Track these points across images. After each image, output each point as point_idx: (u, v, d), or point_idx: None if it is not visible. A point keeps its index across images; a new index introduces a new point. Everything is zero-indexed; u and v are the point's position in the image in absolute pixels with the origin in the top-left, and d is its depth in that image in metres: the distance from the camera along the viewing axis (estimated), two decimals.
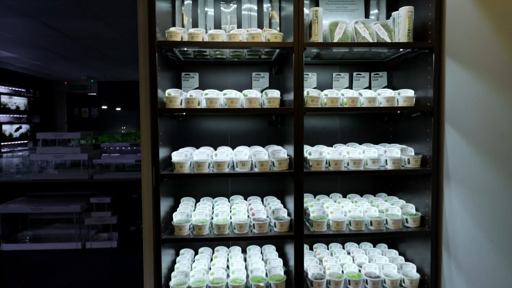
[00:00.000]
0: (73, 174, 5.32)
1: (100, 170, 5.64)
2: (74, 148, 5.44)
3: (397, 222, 2.19)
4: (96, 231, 5.62)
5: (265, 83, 2.60)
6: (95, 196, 5.30)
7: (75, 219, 5.27)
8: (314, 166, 2.17)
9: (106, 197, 5.27)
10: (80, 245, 5.26)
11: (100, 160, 5.74)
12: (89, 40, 6.18)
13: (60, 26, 5.39)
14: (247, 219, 2.21)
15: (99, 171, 5.59)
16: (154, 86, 2.03)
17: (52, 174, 5.45)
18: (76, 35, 5.85)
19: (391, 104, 2.19)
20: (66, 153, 5.46)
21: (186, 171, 2.13)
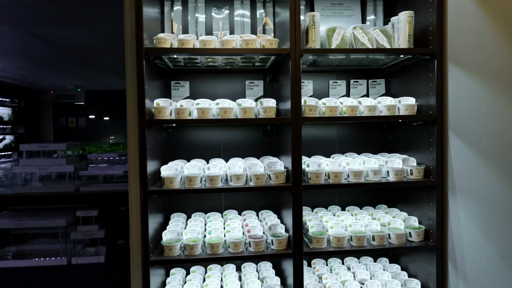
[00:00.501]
0: (59, 187, 5.12)
1: (87, 182, 5.45)
2: (59, 160, 5.25)
3: (400, 236, 2.08)
4: (82, 246, 5.40)
5: (259, 92, 2.49)
6: (81, 209, 5.10)
7: (61, 233, 5.05)
8: (313, 179, 2.06)
9: (93, 210, 5.07)
10: (66, 261, 5.03)
11: (87, 171, 5.56)
12: (76, 48, 6.01)
13: (45, 34, 5.22)
14: (242, 236, 2.08)
15: (86, 183, 5.40)
16: (141, 96, 1.90)
17: (36, 187, 5.24)
18: (62, 43, 5.68)
19: (392, 112, 2.09)
20: (51, 165, 5.27)
21: (176, 186, 1.99)
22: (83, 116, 10.01)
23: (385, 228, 2.17)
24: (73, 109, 10.17)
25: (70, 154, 6.29)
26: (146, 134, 1.92)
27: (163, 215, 2.39)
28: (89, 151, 8.00)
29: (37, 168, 5.26)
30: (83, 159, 6.44)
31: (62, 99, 9.96)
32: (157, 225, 2.19)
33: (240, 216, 2.36)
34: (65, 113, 10.15)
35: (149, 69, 2.02)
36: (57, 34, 5.20)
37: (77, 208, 5.16)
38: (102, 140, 9.78)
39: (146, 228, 1.92)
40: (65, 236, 5.08)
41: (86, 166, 5.82)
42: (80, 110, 10.08)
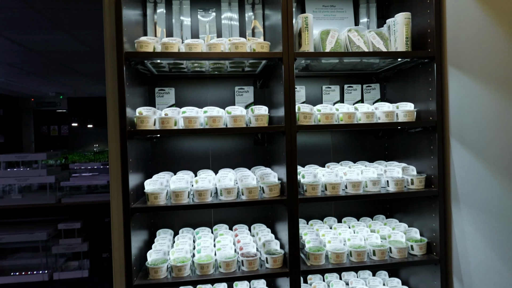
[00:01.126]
0: (39, 199, 4.88)
1: (69, 192, 5.21)
2: (39, 170, 5.01)
3: (402, 250, 1.96)
4: (65, 259, 5.14)
5: (250, 98, 2.35)
6: (63, 222, 4.86)
7: (41, 247, 4.80)
8: (309, 191, 1.92)
9: (75, 222, 4.85)
10: (47, 276, 4.78)
11: (69, 182, 5.32)
12: (55, 54, 5.77)
13: (23, 39, 4.98)
14: (234, 254, 1.93)
15: (68, 194, 5.17)
16: (122, 105, 1.74)
17: (15, 200, 4.98)
18: (41, 49, 5.45)
19: (390, 119, 1.98)
20: (31, 176, 5.02)
21: (161, 202, 1.83)
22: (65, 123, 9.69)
23: (385, 242, 2.05)
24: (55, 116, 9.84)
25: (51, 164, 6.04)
26: (128, 146, 1.76)
27: (148, 232, 2.22)
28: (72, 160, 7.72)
29: (16, 179, 5.01)
30: (65, 168, 6.19)
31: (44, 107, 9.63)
32: (141, 243, 2.02)
33: (231, 231, 2.21)
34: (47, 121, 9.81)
35: (130, 75, 1.86)
36: (36, 40, 4.97)
37: (59, 221, 4.92)
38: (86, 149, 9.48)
39: (129, 249, 1.75)
40: (46, 250, 4.83)
41: (68, 176, 5.58)
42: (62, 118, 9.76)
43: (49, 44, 5.20)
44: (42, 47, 5.37)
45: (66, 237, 4.85)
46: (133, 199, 1.86)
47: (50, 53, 5.71)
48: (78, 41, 5.06)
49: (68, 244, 4.87)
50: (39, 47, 5.33)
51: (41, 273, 4.78)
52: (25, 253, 5.35)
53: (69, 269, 4.98)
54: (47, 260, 4.87)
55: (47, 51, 5.61)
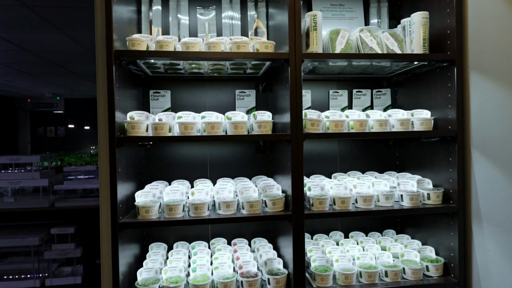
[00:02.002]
0: (31, 202, 4.71)
1: (63, 196, 5.05)
2: (32, 173, 4.84)
3: (417, 272, 1.79)
4: (58, 265, 4.96)
5: (251, 103, 2.18)
6: (56, 226, 4.70)
7: (33, 252, 4.63)
8: (316, 205, 1.75)
9: (69, 227, 4.67)
10: (39, 283, 4.60)
11: (62, 185, 5.15)
12: (50, 54, 5.62)
13: (16, 39, 4.83)
14: (232, 274, 1.75)
15: (62, 197, 5.00)
16: (111, 109, 1.57)
17: (7, 203, 4.81)
18: (35, 48, 5.29)
19: (405, 128, 1.81)
20: (23, 179, 4.86)
21: (154, 217, 1.66)
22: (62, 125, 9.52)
23: (398, 261, 1.88)
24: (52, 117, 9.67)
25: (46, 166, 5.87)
26: (117, 154, 1.59)
27: (139, 246, 2.05)
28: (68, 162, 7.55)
29: (8, 182, 4.85)
30: (59, 171, 6.02)
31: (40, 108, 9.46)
32: (132, 258, 1.85)
33: (230, 246, 2.04)
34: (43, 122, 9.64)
35: (121, 76, 1.70)
36: (29, 39, 4.82)
37: (52, 225, 4.76)
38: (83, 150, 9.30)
39: (116, 269, 1.58)
40: (39, 255, 4.66)
41: (62, 180, 5.41)
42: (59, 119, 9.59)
43: (44, 43, 5.04)
44: (37, 47, 5.21)
45: (59, 242, 4.69)
46: (123, 212, 1.69)
47: (46, 53, 5.56)
48: (74, 41, 4.91)
49: (61, 250, 4.71)
50: (33, 46, 5.18)
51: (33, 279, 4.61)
52: (17, 257, 5.17)
53: (61, 275, 4.81)
54: (39, 265, 4.70)
55: (43, 51, 5.46)
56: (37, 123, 9.63)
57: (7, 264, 5.04)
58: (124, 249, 1.69)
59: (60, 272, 4.89)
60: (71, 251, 4.72)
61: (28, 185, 4.94)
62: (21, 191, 5.35)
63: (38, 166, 5.73)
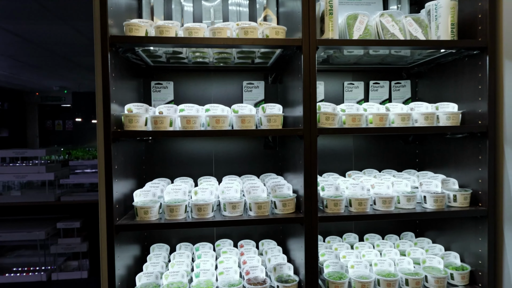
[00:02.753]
0: (38, 196, 4.67)
1: (69, 190, 4.99)
2: (38, 167, 4.79)
3: (440, 280, 1.63)
4: (64, 259, 4.92)
5: (260, 95, 2.03)
6: (62, 221, 4.64)
7: (39, 246, 4.59)
8: (330, 207, 1.60)
9: (75, 221, 4.61)
10: (45, 277, 4.56)
11: (68, 180, 5.08)
12: (55, 46, 5.51)
13: (22, 31, 4.74)
14: (238, 280, 1.62)
15: (68, 191, 4.94)
16: (106, 100, 1.44)
17: (13, 197, 4.78)
18: (40, 40, 5.19)
19: (430, 122, 1.64)
20: (29, 173, 4.81)
21: (153, 218, 1.53)
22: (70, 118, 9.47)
23: (419, 268, 1.72)
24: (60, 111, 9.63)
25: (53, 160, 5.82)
26: (113, 150, 1.46)
27: (140, 247, 1.92)
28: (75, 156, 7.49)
29: (14, 176, 4.80)
30: (65, 165, 5.95)
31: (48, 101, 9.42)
32: (131, 261, 1.73)
33: (236, 248, 1.90)
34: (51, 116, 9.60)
35: (119, 65, 1.56)
36: (34, 31, 4.71)
37: (58, 219, 4.70)
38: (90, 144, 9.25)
39: (112, 274, 1.45)
40: (45, 249, 4.62)
41: (68, 174, 5.35)
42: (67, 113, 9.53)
43: (47, 35, 4.94)
44: (41, 39, 5.11)
45: (65, 237, 4.65)
46: (120, 212, 1.56)
47: (50, 45, 5.46)
48: (78, 32, 4.79)
49: (67, 244, 4.66)
50: (37, 38, 5.08)
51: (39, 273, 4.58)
52: (24, 250, 5.15)
53: (68, 269, 4.76)
54: (45, 259, 4.66)
55: (47, 43, 5.35)
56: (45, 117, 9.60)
57: (14, 258, 5.02)
58: (122, 252, 1.57)
59: (66, 266, 4.84)
60: (77, 245, 4.67)
61: (34, 179, 4.90)
62: (28, 185, 5.33)
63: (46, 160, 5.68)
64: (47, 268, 4.66)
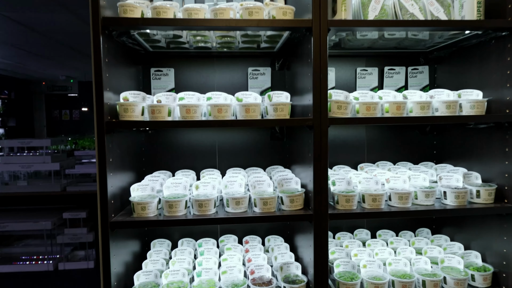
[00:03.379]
0: (44, 186, 4.65)
1: (76, 180, 4.95)
2: (43, 157, 4.75)
3: (460, 282, 1.51)
4: (71, 249, 4.91)
5: (266, 82, 1.90)
6: (68, 211, 4.62)
7: (46, 236, 4.59)
8: (341, 203, 1.48)
9: (81, 212, 4.58)
10: (52, 266, 4.56)
11: (74, 170, 5.04)
12: (61, 35, 5.42)
13: (26, 19, 4.64)
14: (243, 280, 1.52)
15: (74, 182, 4.91)
16: (99, 88, 1.33)
17: (20, 187, 4.77)
18: (45, 29, 5.10)
19: (452, 111, 1.50)
20: (35, 163, 4.78)
21: (151, 214, 1.43)
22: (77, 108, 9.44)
23: (437, 268, 1.60)
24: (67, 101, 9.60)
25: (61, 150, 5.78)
26: (107, 142, 1.36)
27: (140, 243, 1.84)
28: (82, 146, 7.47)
29: (20, 166, 4.78)
30: (71, 155, 5.91)
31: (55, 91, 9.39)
32: (130, 257, 1.64)
33: (241, 245, 1.80)
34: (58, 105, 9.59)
35: (113, 50, 1.45)
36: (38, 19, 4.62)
37: (65, 209, 4.68)
38: None
39: (108, 274, 1.36)
40: (52, 239, 4.61)
41: (73, 164, 5.30)
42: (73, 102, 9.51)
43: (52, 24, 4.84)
44: (44, 27, 5.02)
45: (71, 227, 4.63)
46: (116, 208, 1.46)
47: (56, 34, 5.36)
48: (83, 21, 4.68)
49: (73, 234, 4.65)
50: (41, 26, 4.98)
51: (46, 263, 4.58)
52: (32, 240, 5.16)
53: (74, 259, 4.75)
54: (52, 249, 4.65)
55: (53, 32, 5.26)
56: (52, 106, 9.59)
57: (22, 247, 5.03)
58: (119, 248, 1.48)
59: (73, 256, 4.84)
60: (83, 235, 4.65)
61: (39, 169, 4.87)
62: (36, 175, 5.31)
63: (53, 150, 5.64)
64: (54, 258, 4.66)
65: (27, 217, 4.64)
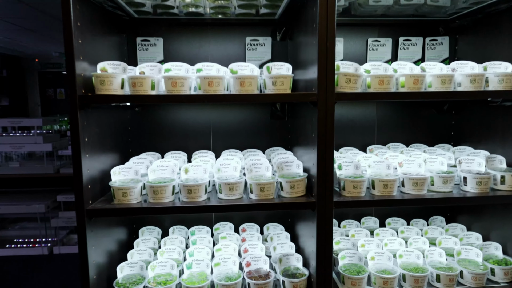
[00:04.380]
0: (37, 168, 4.50)
1: (69, 162, 4.79)
2: (35, 137, 4.58)
3: (479, 276, 1.36)
4: (67, 232, 4.80)
5: (266, 54, 1.71)
6: (62, 193, 4.49)
7: (40, 219, 4.47)
8: (348, 189, 1.32)
9: None
10: (47, 250, 4.46)
11: (67, 151, 4.86)
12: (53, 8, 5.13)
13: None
14: (238, 273, 1.37)
15: (68, 163, 4.75)
16: (69, 56, 1.14)
17: (11, 168, 4.62)
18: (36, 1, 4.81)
19: (477, 86, 1.31)
20: (26, 143, 4.61)
21: (134, 201, 1.27)
22: None
23: (452, 261, 1.45)
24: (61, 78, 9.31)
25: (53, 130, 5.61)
26: (82, 119, 1.18)
27: (127, 230, 1.69)
28: None
29: (10, 146, 4.61)
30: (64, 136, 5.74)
31: (49, 68, 9.09)
32: (115, 247, 1.49)
33: (238, 234, 1.65)
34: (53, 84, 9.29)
35: (89, 13, 1.25)
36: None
37: (59, 192, 4.55)
38: None
39: (86, 266, 1.21)
40: (46, 222, 4.50)
41: (67, 144, 5.12)
42: None
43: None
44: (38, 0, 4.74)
45: (66, 210, 4.50)
46: (95, 193, 1.30)
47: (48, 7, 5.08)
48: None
49: (68, 217, 4.51)
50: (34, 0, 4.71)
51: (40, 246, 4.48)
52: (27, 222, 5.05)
53: (70, 243, 4.65)
54: (46, 232, 4.55)
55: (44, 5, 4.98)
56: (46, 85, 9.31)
57: (16, 230, 4.92)
58: (100, 238, 1.32)
59: (68, 240, 4.73)
60: None
61: (31, 149, 4.70)
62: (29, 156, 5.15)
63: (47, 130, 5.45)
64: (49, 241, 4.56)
65: (20, 199, 4.51)
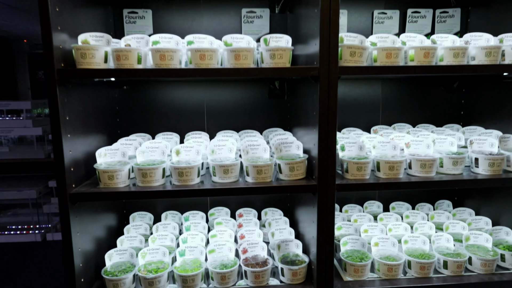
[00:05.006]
0: (27, 153, 4.38)
1: None
2: (24, 121, 4.44)
3: (489, 263, 1.29)
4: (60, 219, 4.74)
5: (264, 27, 1.59)
6: (54, 179, 4.39)
7: (31, 205, 4.40)
8: (352, 171, 1.23)
9: None
10: (40, 237, 4.40)
11: None
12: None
13: None
14: (233, 260, 1.30)
15: None
16: (45, 26, 1.02)
17: (1, 153, 4.50)
18: None
19: (493, 60, 1.21)
20: (15, 127, 4.47)
21: (121, 184, 1.17)
22: None
23: (460, 246, 1.38)
24: None
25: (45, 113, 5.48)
26: (61, 95, 1.08)
27: (117, 216, 1.60)
28: None
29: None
30: None
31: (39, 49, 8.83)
32: (104, 233, 1.41)
33: (234, 219, 1.57)
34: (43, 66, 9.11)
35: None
36: None
37: (51, 177, 4.46)
38: None
39: (70, 255, 1.13)
40: (38, 208, 4.43)
41: None
42: None
43: None
44: None
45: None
46: (79, 176, 1.21)
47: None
48: None
49: None
50: None
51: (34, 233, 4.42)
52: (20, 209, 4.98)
53: None
54: (38, 219, 4.48)
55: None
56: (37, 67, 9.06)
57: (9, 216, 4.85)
58: (87, 224, 1.24)
59: None
60: None
61: (20, 134, 4.57)
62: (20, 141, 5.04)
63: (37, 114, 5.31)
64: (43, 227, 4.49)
65: (10, 185, 4.42)
